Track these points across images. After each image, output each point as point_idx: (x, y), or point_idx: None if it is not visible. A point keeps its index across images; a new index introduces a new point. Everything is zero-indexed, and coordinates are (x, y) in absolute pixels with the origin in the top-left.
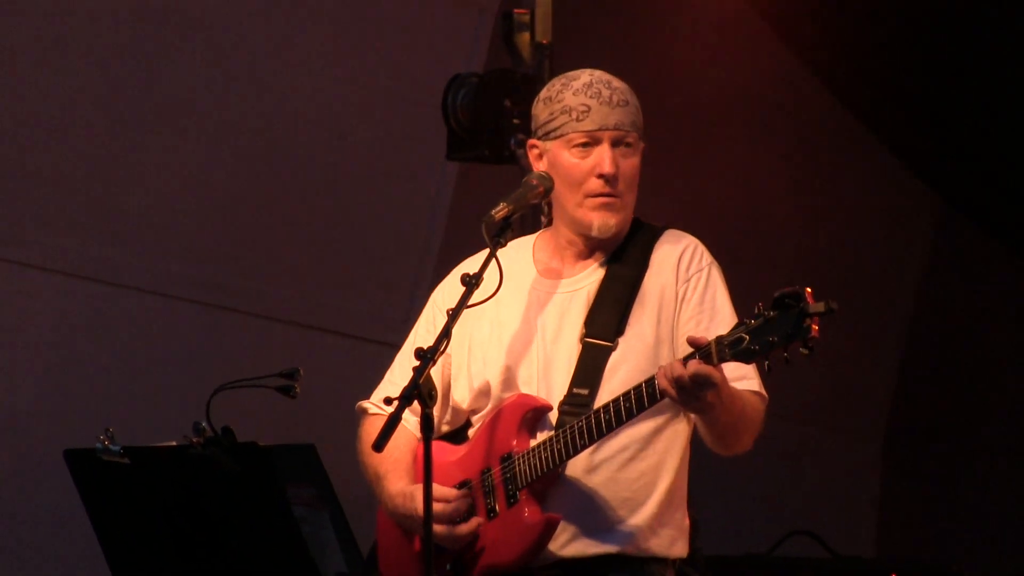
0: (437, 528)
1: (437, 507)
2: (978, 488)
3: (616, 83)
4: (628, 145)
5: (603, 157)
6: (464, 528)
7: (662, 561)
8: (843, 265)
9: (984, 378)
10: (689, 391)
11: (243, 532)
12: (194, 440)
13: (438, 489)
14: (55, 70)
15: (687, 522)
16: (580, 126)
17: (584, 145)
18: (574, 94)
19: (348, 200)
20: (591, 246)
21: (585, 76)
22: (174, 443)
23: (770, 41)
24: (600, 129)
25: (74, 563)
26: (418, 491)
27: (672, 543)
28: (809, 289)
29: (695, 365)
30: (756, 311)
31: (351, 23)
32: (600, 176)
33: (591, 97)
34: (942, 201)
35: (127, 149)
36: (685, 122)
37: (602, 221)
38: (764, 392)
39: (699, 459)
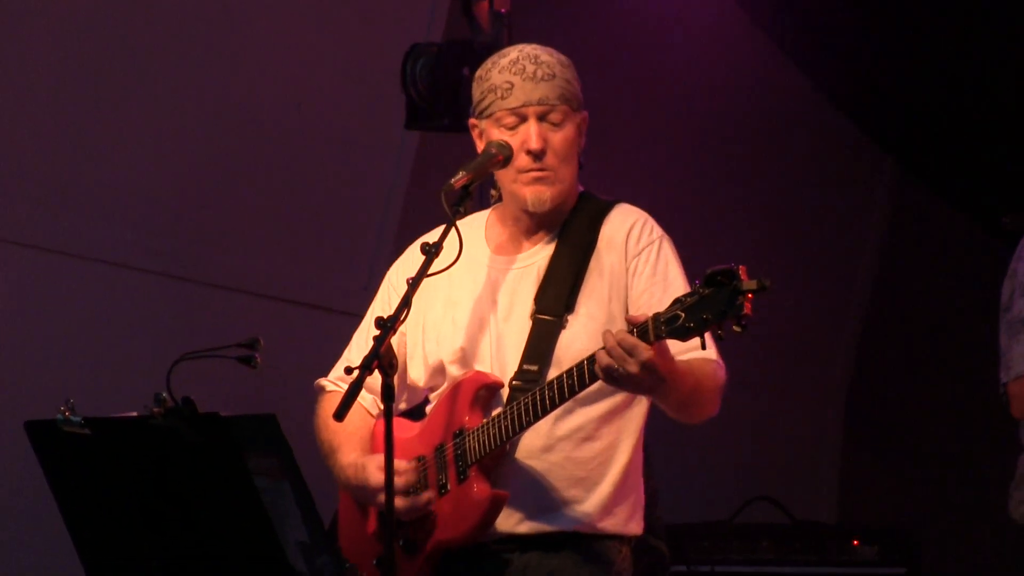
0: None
1: None
2: (938, 454)
3: (545, 57)
4: (556, 118)
5: (529, 133)
6: (418, 499)
7: (618, 538)
8: (802, 232)
9: (944, 344)
10: (620, 363)
11: (205, 502)
12: (155, 411)
13: (395, 462)
14: (13, 42)
15: (643, 500)
16: (505, 104)
17: (511, 123)
18: (499, 72)
19: (308, 169)
20: (537, 221)
21: (513, 52)
22: (135, 414)
23: (729, 8)
24: (524, 105)
25: (36, 534)
26: (370, 462)
27: (627, 521)
28: (743, 267)
29: (623, 338)
30: (693, 288)
31: None
32: (528, 152)
33: (515, 74)
34: (899, 167)
35: (84, 119)
36: (640, 88)
37: (535, 196)
38: (719, 358)
39: (659, 427)
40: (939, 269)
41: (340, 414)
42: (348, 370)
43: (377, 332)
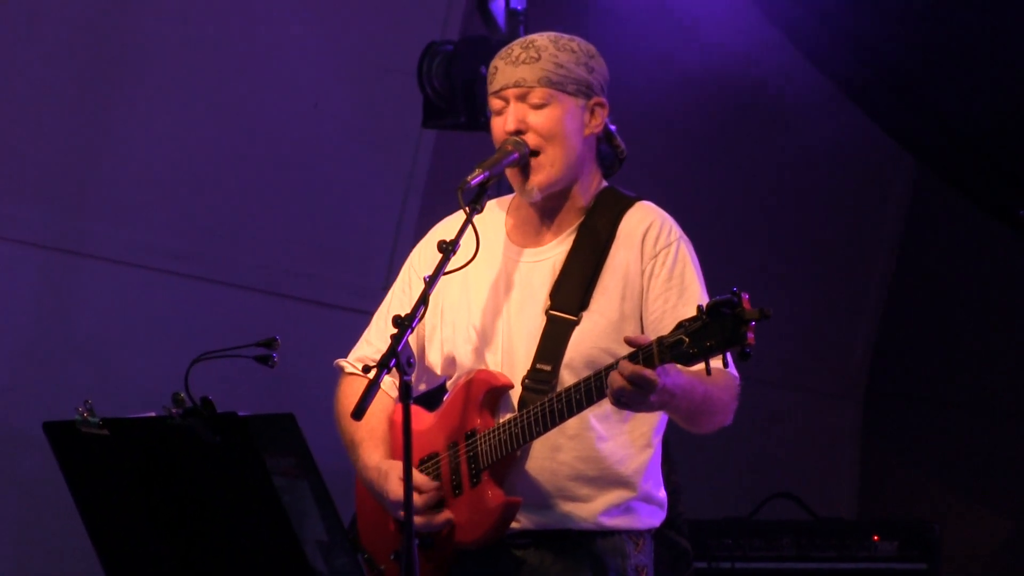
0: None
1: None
2: (958, 448)
3: (541, 41)
4: (535, 99)
5: (506, 115)
6: (438, 519)
7: (635, 532)
8: (819, 227)
9: (962, 338)
10: (631, 395)
11: (223, 502)
12: (173, 411)
13: (415, 476)
14: (23, 40)
15: (662, 494)
16: (490, 90)
17: (498, 107)
18: (495, 60)
19: (325, 168)
20: (552, 212)
21: (521, 40)
22: (153, 414)
23: (744, 3)
24: (502, 89)
25: (55, 535)
26: (393, 470)
27: (646, 517)
28: (746, 295)
29: (628, 367)
30: (697, 313)
31: None
32: (506, 133)
33: (500, 59)
34: (917, 162)
35: (99, 120)
36: (654, 83)
37: (521, 185)
38: (734, 371)
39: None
40: (957, 263)
41: (358, 413)
42: (366, 368)
43: (395, 330)
